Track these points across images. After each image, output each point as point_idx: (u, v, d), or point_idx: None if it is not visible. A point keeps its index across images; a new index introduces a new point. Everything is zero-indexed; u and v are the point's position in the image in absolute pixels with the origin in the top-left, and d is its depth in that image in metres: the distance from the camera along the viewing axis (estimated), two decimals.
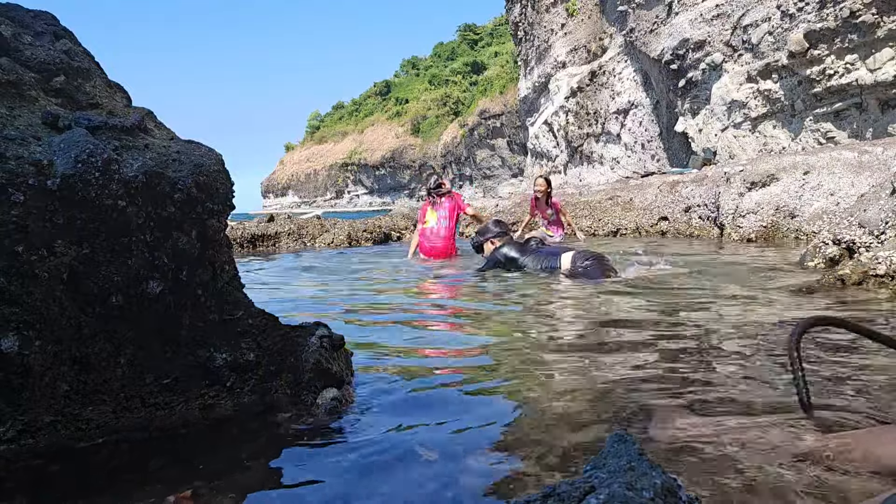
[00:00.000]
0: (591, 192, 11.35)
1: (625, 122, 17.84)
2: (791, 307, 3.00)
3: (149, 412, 1.53)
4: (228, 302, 1.68)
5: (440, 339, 2.74)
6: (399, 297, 4.06)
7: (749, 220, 7.10)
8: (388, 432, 1.56)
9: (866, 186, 5.69)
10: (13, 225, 1.33)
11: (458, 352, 2.42)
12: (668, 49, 13.78)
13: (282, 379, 1.70)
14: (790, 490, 1.19)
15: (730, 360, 2.10)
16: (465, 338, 2.69)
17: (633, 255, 5.38)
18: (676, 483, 0.87)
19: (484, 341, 2.59)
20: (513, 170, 46.99)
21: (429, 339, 2.73)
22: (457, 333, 2.83)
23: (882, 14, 9.09)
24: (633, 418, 1.59)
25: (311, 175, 78.80)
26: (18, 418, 1.35)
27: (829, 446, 1.31)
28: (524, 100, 25.20)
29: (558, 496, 0.84)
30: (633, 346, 2.36)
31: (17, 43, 1.63)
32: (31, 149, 1.42)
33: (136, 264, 1.49)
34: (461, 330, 2.90)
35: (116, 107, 1.75)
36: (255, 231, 8.85)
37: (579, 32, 19.57)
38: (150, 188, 1.52)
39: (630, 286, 3.92)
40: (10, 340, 1.31)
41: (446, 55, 74.86)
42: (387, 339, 2.68)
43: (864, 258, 3.51)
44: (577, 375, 1.99)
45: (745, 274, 4.32)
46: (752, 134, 12.14)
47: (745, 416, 1.56)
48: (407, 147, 64.23)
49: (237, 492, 1.27)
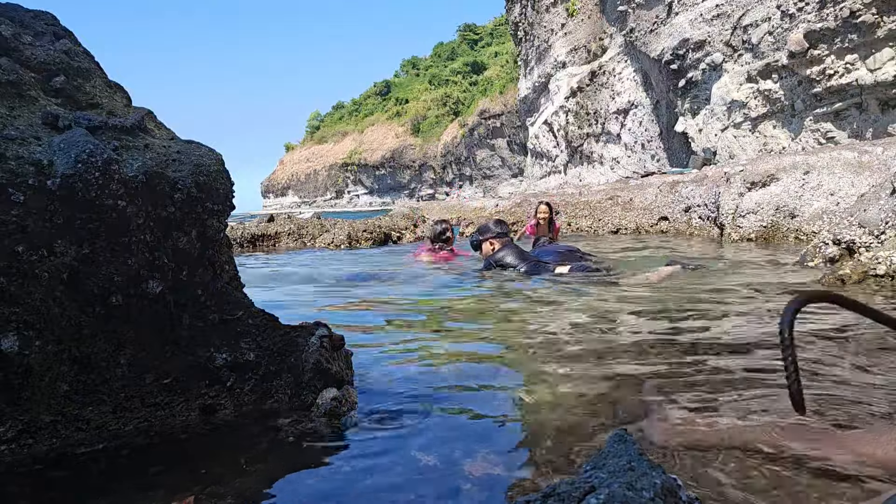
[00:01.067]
0: (591, 192, 11.35)
1: (625, 122, 17.85)
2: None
3: (149, 412, 1.53)
4: (228, 302, 1.68)
5: (440, 340, 2.74)
6: (399, 297, 4.06)
7: (749, 219, 7.09)
8: (388, 433, 1.56)
9: (866, 186, 5.69)
10: (13, 225, 1.33)
11: (458, 353, 2.42)
12: (668, 49, 13.78)
13: (282, 379, 1.70)
14: (790, 491, 1.19)
15: (730, 361, 2.10)
16: (465, 338, 2.69)
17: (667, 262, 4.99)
18: (676, 483, 0.87)
19: (484, 342, 2.60)
20: (513, 170, 47.02)
21: (429, 339, 2.73)
22: (457, 334, 2.83)
23: (882, 14, 9.09)
24: (633, 418, 1.59)
25: (311, 175, 78.79)
26: (18, 418, 1.35)
27: (828, 447, 1.31)
28: (524, 100, 25.21)
29: (558, 496, 0.84)
30: (633, 346, 2.37)
31: (17, 43, 1.63)
32: (31, 149, 1.42)
33: (136, 264, 1.49)
34: (462, 331, 2.90)
35: (116, 107, 1.75)
36: (255, 231, 8.86)
37: (579, 32, 19.58)
38: (150, 188, 1.52)
39: (630, 286, 3.92)
40: (10, 340, 1.31)
41: (446, 55, 74.88)
42: (387, 339, 2.69)
43: (864, 258, 3.51)
44: (577, 376, 1.99)
45: (745, 274, 4.32)
46: (752, 134, 12.14)
47: (744, 416, 1.56)
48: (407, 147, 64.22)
49: (239, 496, 1.27)
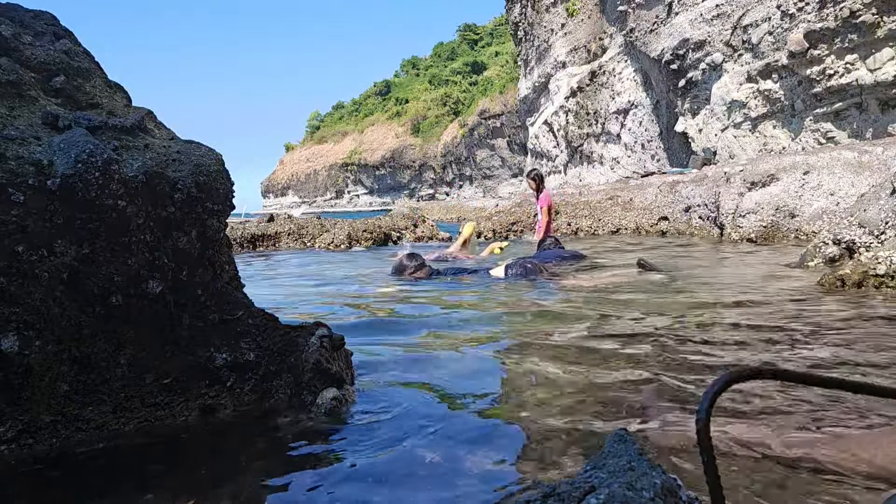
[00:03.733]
0: (591, 192, 11.35)
1: (625, 122, 17.84)
2: (791, 307, 3.00)
3: (149, 412, 1.53)
4: (228, 302, 1.68)
5: (440, 340, 2.74)
6: (400, 296, 4.06)
7: (749, 219, 7.09)
8: (387, 433, 1.56)
9: (866, 186, 5.69)
10: (13, 225, 1.33)
11: (458, 353, 2.42)
12: (668, 49, 13.78)
13: (282, 379, 1.70)
14: (790, 491, 1.19)
15: (729, 361, 2.10)
16: (465, 338, 2.69)
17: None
18: (676, 483, 0.87)
19: (485, 342, 2.60)
20: (513, 170, 46.99)
21: (429, 340, 2.73)
22: (457, 334, 2.83)
23: (882, 14, 9.09)
24: (633, 418, 1.59)
25: (311, 175, 78.72)
26: (18, 418, 1.35)
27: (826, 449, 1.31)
28: (524, 100, 25.21)
29: (558, 496, 0.84)
30: (633, 346, 2.37)
31: (17, 43, 1.63)
32: (31, 149, 1.42)
33: (136, 264, 1.49)
34: (461, 331, 2.90)
35: (116, 107, 1.75)
36: (255, 231, 8.86)
37: (579, 32, 19.57)
38: (150, 188, 1.52)
39: (629, 287, 3.92)
40: (10, 340, 1.31)
41: (446, 55, 74.81)
42: (387, 339, 2.69)
43: (864, 258, 3.51)
44: (577, 376, 1.99)
45: (745, 274, 4.32)
46: (752, 134, 12.14)
47: (744, 416, 1.56)
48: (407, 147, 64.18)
49: (238, 496, 1.27)
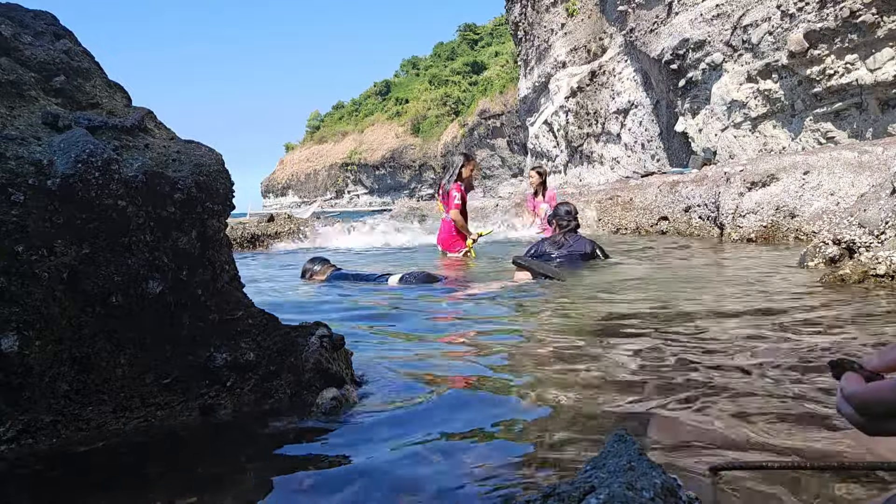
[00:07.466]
0: (591, 192, 11.35)
1: (625, 122, 17.84)
2: (790, 307, 3.00)
3: (149, 412, 1.53)
4: (228, 302, 1.68)
5: (440, 340, 2.74)
6: (399, 297, 4.06)
7: (749, 219, 7.09)
8: (387, 433, 1.56)
9: (866, 186, 5.68)
10: (13, 225, 1.33)
11: (458, 353, 2.42)
12: (668, 49, 13.78)
13: (282, 379, 1.70)
14: (790, 493, 1.19)
15: (729, 361, 2.10)
16: (465, 338, 2.69)
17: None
18: (676, 483, 0.87)
19: (485, 343, 2.60)
20: (513, 170, 46.97)
21: (429, 340, 2.73)
22: (456, 335, 2.83)
23: (882, 14, 9.09)
24: (632, 418, 1.59)
25: (311, 175, 78.69)
26: (18, 418, 1.35)
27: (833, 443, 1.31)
28: (524, 100, 25.20)
29: (558, 496, 0.84)
30: (632, 346, 2.37)
31: (17, 43, 1.63)
32: (31, 149, 1.42)
33: (136, 264, 1.49)
34: (461, 331, 2.90)
35: (116, 107, 1.75)
36: (255, 231, 8.86)
37: (579, 32, 19.56)
38: (150, 188, 1.52)
39: (629, 287, 3.92)
40: (10, 340, 1.31)
41: (446, 55, 74.76)
42: (387, 339, 2.69)
43: (864, 258, 3.51)
44: (577, 376, 1.99)
45: (745, 274, 4.32)
46: (752, 134, 12.14)
47: (744, 416, 1.56)
48: (407, 147, 64.17)
49: (238, 496, 1.27)
